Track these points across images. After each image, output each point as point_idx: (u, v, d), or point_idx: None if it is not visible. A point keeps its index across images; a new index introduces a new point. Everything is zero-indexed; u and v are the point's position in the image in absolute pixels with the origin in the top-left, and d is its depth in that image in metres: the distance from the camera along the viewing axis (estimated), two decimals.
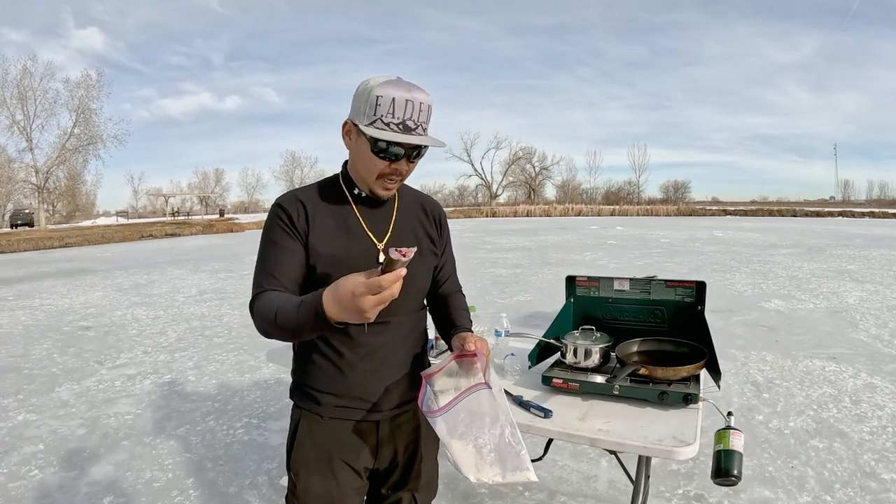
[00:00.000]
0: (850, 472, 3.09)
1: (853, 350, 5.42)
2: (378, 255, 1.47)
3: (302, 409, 1.53)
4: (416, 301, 1.60)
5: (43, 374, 5.38)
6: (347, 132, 1.43)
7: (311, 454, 1.50)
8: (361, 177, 1.46)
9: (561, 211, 50.41)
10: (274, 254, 1.41)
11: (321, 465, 1.50)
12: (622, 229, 25.75)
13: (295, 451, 1.52)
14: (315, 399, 1.49)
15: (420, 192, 1.70)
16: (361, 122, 1.36)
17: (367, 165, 1.42)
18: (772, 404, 4.08)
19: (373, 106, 1.34)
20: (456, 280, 1.79)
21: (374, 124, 1.34)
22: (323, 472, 1.50)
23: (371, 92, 1.34)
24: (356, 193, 1.50)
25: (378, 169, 1.41)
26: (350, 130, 1.42)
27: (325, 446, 1.50)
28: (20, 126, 40.04)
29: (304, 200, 1.46)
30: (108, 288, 11.10)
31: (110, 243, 27.12)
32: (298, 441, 1.52)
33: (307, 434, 1.51)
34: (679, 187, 74.13)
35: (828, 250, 14.54)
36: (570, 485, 3.03)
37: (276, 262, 1.40)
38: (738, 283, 9.41)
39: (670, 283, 2.19)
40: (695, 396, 1.78)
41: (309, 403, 1.50)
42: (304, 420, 1.52)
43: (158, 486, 3.17)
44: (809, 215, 40.72)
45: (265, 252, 1.43)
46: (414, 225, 1.60)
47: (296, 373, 1.56)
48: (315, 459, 1.50)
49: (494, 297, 8.81)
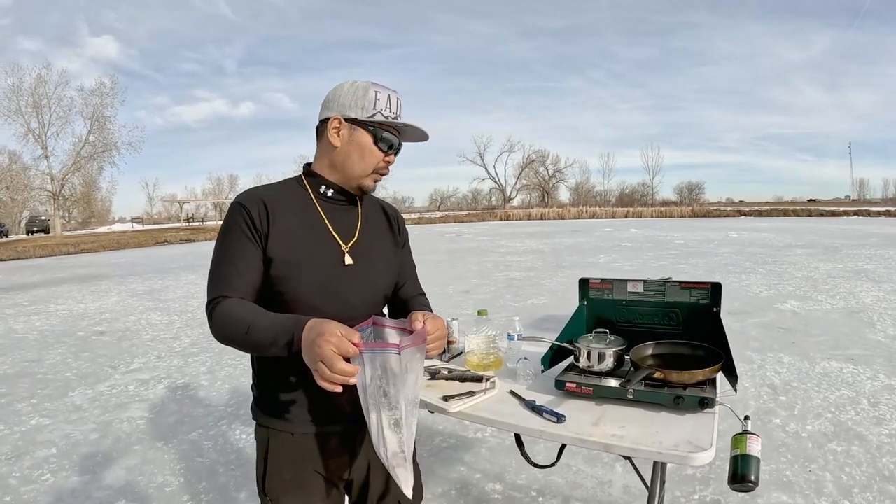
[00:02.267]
0: (869, 476, 3.03)
1: (871, 351, 5.34)
2: (344, 258, 1.46)
3: (269, 429, 1.47)
4: (378, 306, 1.57)
5: (57, 378, 5.41)
6: (336, 128, 1.43)
7: (287, 475, 1.46)
8: (350, 171, 1.46)
9: (575, 213, 50.36)
10: (232, 257, 1.37)
11: (299, 483, 1.46)
12: (636, 231, 25.64)
13: (269, 475, 1.46)
14: (284, 416, 1.44)
15: (376, 196, 1.69)
16: (360, 115, 1.42)
17: (365, 158, 1.45)
18: (789, 407, 4.02)
19: (372, 101, 1.41)
20: (417, 283, 1.77)
21: (375, 117, 1.42)
22: (302, 490, 1.46)
23: (368, 89, 1.42)
24: (322, 192, 1.49)
25: (376, 161, 1.46)
26: (341, 126, 1.43)
27: (301, 463, 1.45)
28: (35, 134, 40.38)
29: (266, 199, 1.41)
30: (122, 293, 11.18)
31: (125, 249, 27.35)
32: (272, 463, 1.46)
33: (280, 454, 1.46)
34: (693, 188, 73.97)
35: (844, 250, 14.38)
36: (584, 490, 3.00)
37: (234, 267, 1.36)
38: (753, 285, 9.32)
39: (685, 284, 2.15)
40: (711, 400, 1.74)
41: (277, 422, 1.45)
42: (275, 440, 1.46)
43: (170, 491, 3.16)
44: (825, 215, 40.37)
45: (224, 254, 1.38)
46: (380, 227, 1.62)
47: (259, 390, 1.49)
48: (292, 479, 1.46)
49: (508, 300, 8.77)
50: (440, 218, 49.92)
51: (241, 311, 1.29)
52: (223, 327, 1.29)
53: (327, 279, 1.43)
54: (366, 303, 1.50)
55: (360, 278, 1.49)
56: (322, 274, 1.42)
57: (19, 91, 39.47)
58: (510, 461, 3.33)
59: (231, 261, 1.36)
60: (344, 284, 1.45)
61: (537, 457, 2.53)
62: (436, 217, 51.12)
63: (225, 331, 1.29)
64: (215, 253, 1.39)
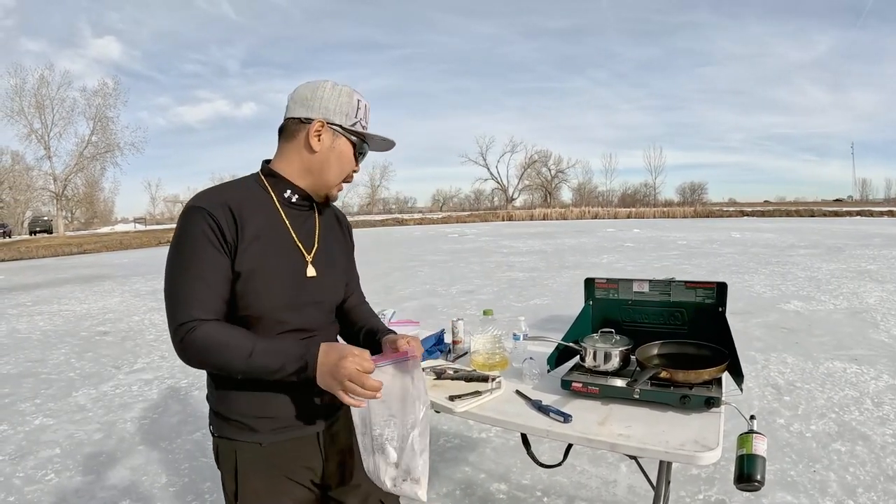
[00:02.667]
0: (874, 476, 3.02)
1: (874, 351, 5.33)
2: (307, 269, 1.41)
3: (236, 441, 1.39)
4: (332, 315, 1.56)
5: (60, 378, 5.42)
6: (317, 132, 1.37)
7: (259, 485, 1.40)
8: (324, 179, 1.42)
9: (577, 214, 50.31)
10: (200, 271, 1.26)
11: (272, 492, 1.41)
12: (639, 231, 25.61)
13: (241, 487, 1.39)
14: (251, 427, 1.38)
15: None
16: (343, 121, 1.39)
17: (341, 166, 1.42)
18: (793, 407, 4.02)
19: (355, 108, 1.39)
20: (361, 291, 1.74)
21: (356, 126, 1.40)
22: (276, 497, 1.42)
23: (352, 95, 1.39)
24: (286, 197, 1.42)
25: (349, 170, 1.44)
26: (323, 130, 1.38)
27: (272, 471, 1.40)
28: (38, 134, 40.53)
29: (232, 206, 1.30)
30: (125, 293, 11.19)
31: (128, 249, 27.37)
32: (242, 476, 1.39)
33: (250, 466, 1.39)
34: (695, 188, 73.98)
35: (847, 250, 14.36)
36: (589, 490, 3.00)
37: (204, 282, 1.26)
38: (756, 285, 9.31)
39: (690, 284, 2.15)
40: (717, 400, 1.74)
41: (243, 434, 1.38)
42: (242, 453, 1.39)
43: (174, 491, 3.17)
44: (827, 215, 40.31)
45: (188, 267, 1.26)
46: (335, 235, 1.57)
47: (222, 405, 1.40)
48: (265, 488, 1.41)
49: (511, 300, 8.77)
50: (442, 218, 49.86)
51: (231, 336, 1.25)
52: (207, 354, 1.23)
53: (293, 293, 1.39)
54: (325, 314, 1.50)
55: (322, 290, 1.46)
56: (288, 288, 1.38)
57: (22, 92, 39.68)
58: (515, 461, 3.33)
59: (199, 276, 1.25)
60: (306, 297, 1.41)
61: (542, 457, 2.53)
62: (438, 217, 51.06)
63: (211, 357, 1.24)
64: (175, 267, 1.27)
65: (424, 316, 7.34)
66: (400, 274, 12.51)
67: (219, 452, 1.43)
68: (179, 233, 1.28)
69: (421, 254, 17.60)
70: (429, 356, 2.50)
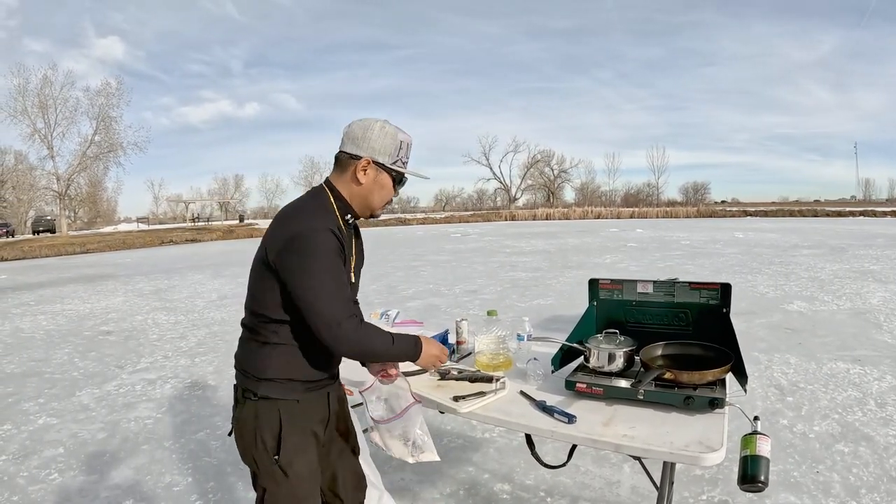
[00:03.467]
0: (877, 477, 3.02)
1: (878, 352, 5.32)
2: (351, 276, 1.72)
3: (279, 400, 1.66)
4: None
5: (64, 378, 5.43)
6: (364, 168, 1.69)
7: (295, 439, 1.67)
8: (369, 204, 1.75)
9: (580, 214, 50.28)
10: (342, 281, 1.61)
11: (304, 444, 1.69)
12: (642, 231, 25.60)
13: (284, 442, 1.64)
14: (293, 388, 1.67)
15: None
16: (386, 160, 1.70)
17: (383, 195, 1.76)
18: (796, 408, 4.01)
19: (397, 149, 1.71)
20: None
21: (396, 164, 1.72)
22: (306, 449, 1.70)
23: (395, 136, 1.70)
24: (346, 219, 1.72)
25: (390, 197, 1.78)
26: (368, 167, 1.69)
27: (305, 423, 1.70)
28: (41, 134, 40.47)
29: (339, 232, 1.61)
30: (128, 293, 11.21)
31: (131, 249, 27.43)
32: (285, 431, 1.65)
33: (289, 422, 1.66)
34: (699, 188, 73.92)
35: (850, 251, 14.33)
36: (592, 490, 3.00)
37: (347, 290, 1.62)
38: (759, 285, 9.30)
39: (694, 285, 2.15)
40: (721, 401, 1.74)
41: (286, 392, 1.66)
42: (286, 411, 1.66)
43: (178, 491, 3.17)
44: (830, 215, 40.24)
45: (337, 276, 1.59)
46: (360, 247, 1.87)
47: (269, 369, 1.67)
48: (300, 442, 1.68)
49: (514, 300, 8.77)
50: (445, 218, 49.90)
51: (376, 329, 1.67)
52: (371, 342, 1.63)
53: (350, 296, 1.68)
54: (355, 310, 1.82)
55: (355, 293, 1.80)
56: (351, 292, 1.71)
57: (25, 91, 39.61)
58: (519, 461, 3.33)
59: (343, 284, 1.60)
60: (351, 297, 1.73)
61: (545, 457, 2.52)
62: (441, 217, 51.09)
63: (371, 345, 1.63)
64: (326, 273, 1.56)
65: (427, 316, 7.34)
66: (403, 274, 12.52)
67: (258, 414, 1.67)
68: (318, 248, 1.56)
69: (424, 253, 17.61)
70: None
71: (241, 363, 1.74)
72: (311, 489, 1.73)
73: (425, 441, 1.87)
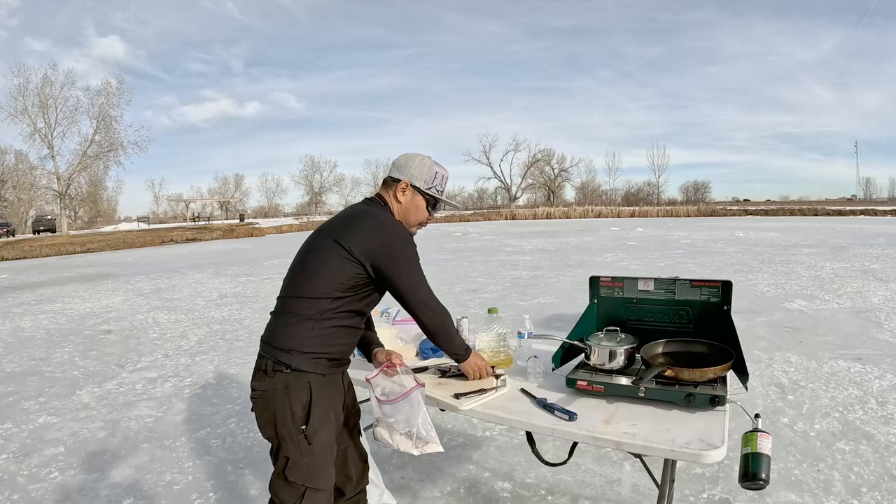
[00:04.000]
0: (878, 476, 3.01)
1: (878, 350, 5.32)
2: None
3: (309, 374, 1.82)
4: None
5: (64, 377, 5.43)
6: (403, 190, 2.00)
7: (321, 411, 1.83)
8: (406, 220, 2.03)
9: (580, 213, 50.25)
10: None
11: (327, 417, 1.86)
12: (642, 230, 25.58)
13: (312, 412, 1.81)
14: (322, 364, 1.84)
15: None
16: (421, 185, 2.01)
17: (418, 215, 2.05)
18: (797, 406, 4.01)
19: (432, 177, 2.04)
20: None
21: (430, 190, 2.03)
22: (328, 423, 1.86)
23: (432, 167, 2.04)
24: None
25: (424, 217, 2.07)
26: (406, 189, 2.00)
27: (328, 399, 1.87)
28: (41, 134, 40.41)
29: None
30: (129, 292, 11.21)
31: (132, 248, 27.44)
32: (315, 402, 1.82)
33: (319, 393, 1.83)
34: (699, 188, 73.83)
35: (850, 249, 14.32)
36: (593, 488, 2.99)
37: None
38: (760, 284, 9.29)
39: (695, 282, 2.15)
40: (722, 398, 1.74)
41: (317, 366, 1.83)
42: (315, 384, 1.82)
43: (178, 489, 3.17)
44: (831, 214, 40.22)
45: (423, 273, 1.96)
46: None
47: (306, 344, 1.82)
48: (324, 414, 1.84)
49: (515, 299, 8.76)
50: (445, 217, 49.86)
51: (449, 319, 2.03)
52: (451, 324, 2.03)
53: None
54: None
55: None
56: None
57: (25, 91, 39.52)
58: (519, 460, 3.33)
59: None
60: None
61: (546, 455, 2.53)
62: (441, 216, 51.00)
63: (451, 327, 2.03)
64: (419, 270, 1.95)
65: None
66: None
67: (289, 385, 1.81)
68: (414, 250, 1.95)
69: (424, 252, 17.34)
70: (434, 354, 2.51)
71: (273, 338, 1.86)
72: (329, 461, 1.88)
73: (429, 432, 1.90)
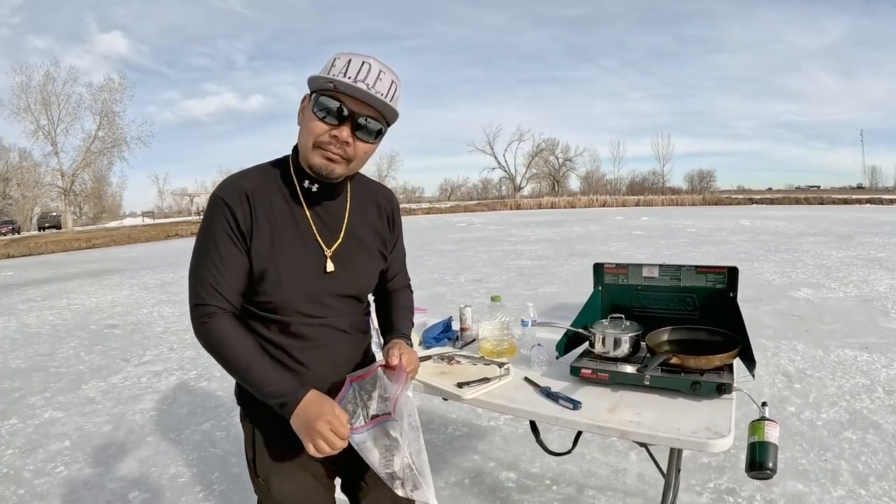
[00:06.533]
0: (885, 465, 2.99)
1: (885, 339, 5.29)
2: (326, 265, 1.39)
3: (256, 412, 1.45)
4: (363, 301, 1.56)
5: (70, 372, 5.44)
6: (303, 109, 1.33)
7: (275, 455, 1.46)
8: (304, 147, 1.31)
9: (585, 202, 50.09)
10: (218, 260, 1.30)
11: (290, 465, 1.46)
12: (647, 219, 25.49)
13: (258, 458, 1.48)
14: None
15: (375, 182, 1.60)
16: (314, 88, 1.30)
17: (309, 132, 1.29)
18: (803, 395, 3.99)
19: (327, 69, 1.26)
20: (405, 275, 1.77)
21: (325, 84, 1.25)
22: (293, 469, 1.47)
23: (335, 58, 1.28)
24: (306, 187, 1.37)
25: (316, 134, 1.28)
26: (305, 104, 1.33)
27: (287, 443, 1.37)
28: (45, 131, 40.64)
29: (250, 194, 1.31)
30: (134, 287, 11.23)
31: (136, 243, 27.47)
32: (259, 448, 1.47)
33: (267, 436, 1.46)
34: (704, 176, 73.49)
35: (857, 238, 14.24)
36: (598, 478, 2.98)
37: (219, 271, 1.31)
38: (766, 272, 9.24)
39: (701, 269, 2.12)
40: (728, 386, 1.71)
41: (263, 406, 1.34)
42: (260, 423, 1.47)
43: (183, 482, 3.17)
44: (837, 203, 40.04)
45: (206, 255, 1.31)
46: (369, 224, 1.51)
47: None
48: (280, 459, 1.46)
49: (520, 288, 8.75)
50: (450, 208, 49.80)
51: (239, 342, 1.31)
52: (219, 347, 1.30)
53: (312, 287, 1.38)
54: (350, 304, 1.49)
55: (344, 284, 1.44)
56: (306, 281, 1.37)
57: (28, 89, 39.73)
58: (524, 449, 3.32)
59: (216, 264, 1.30)
60: (327, 290, 1.41)
61: (551, 445, 2.51)
62: (446, 207, 50.99)
63: (218, 351, 1.31)
64: (198, 251, 1.33)
65: (433, 304, 7.29)
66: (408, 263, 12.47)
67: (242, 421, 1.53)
68: (203, 220, 1.33)
69: (429, 243, 17.56)
70: (436, 343, 2.49)
71: None
72: None
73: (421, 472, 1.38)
